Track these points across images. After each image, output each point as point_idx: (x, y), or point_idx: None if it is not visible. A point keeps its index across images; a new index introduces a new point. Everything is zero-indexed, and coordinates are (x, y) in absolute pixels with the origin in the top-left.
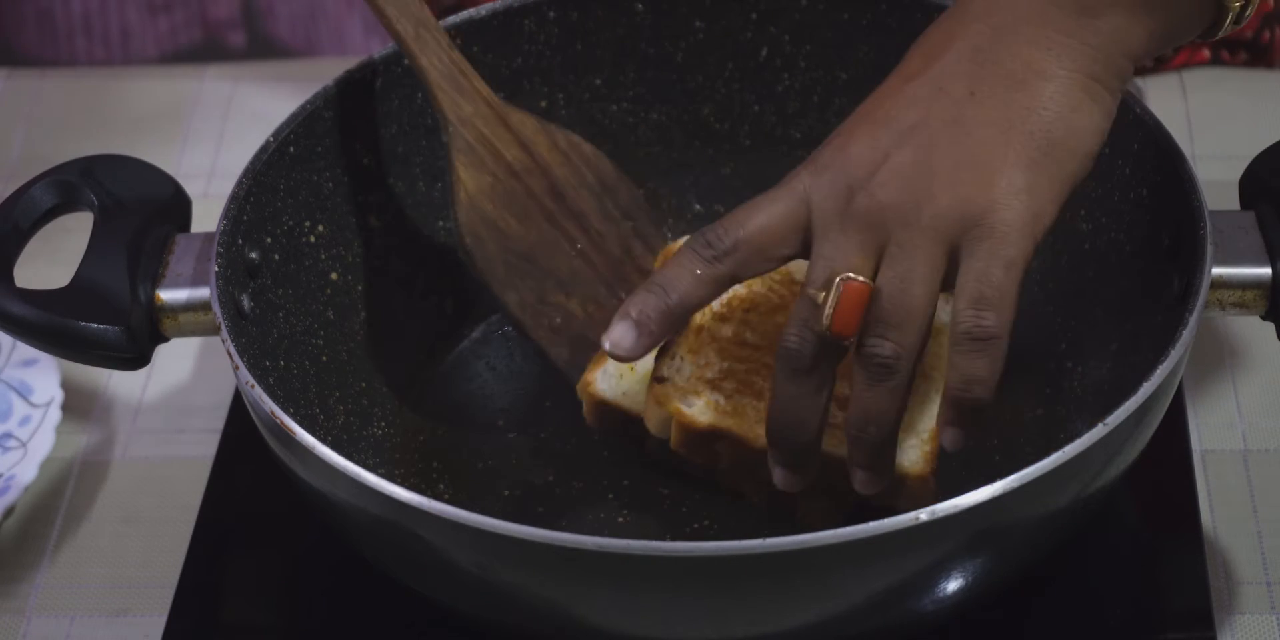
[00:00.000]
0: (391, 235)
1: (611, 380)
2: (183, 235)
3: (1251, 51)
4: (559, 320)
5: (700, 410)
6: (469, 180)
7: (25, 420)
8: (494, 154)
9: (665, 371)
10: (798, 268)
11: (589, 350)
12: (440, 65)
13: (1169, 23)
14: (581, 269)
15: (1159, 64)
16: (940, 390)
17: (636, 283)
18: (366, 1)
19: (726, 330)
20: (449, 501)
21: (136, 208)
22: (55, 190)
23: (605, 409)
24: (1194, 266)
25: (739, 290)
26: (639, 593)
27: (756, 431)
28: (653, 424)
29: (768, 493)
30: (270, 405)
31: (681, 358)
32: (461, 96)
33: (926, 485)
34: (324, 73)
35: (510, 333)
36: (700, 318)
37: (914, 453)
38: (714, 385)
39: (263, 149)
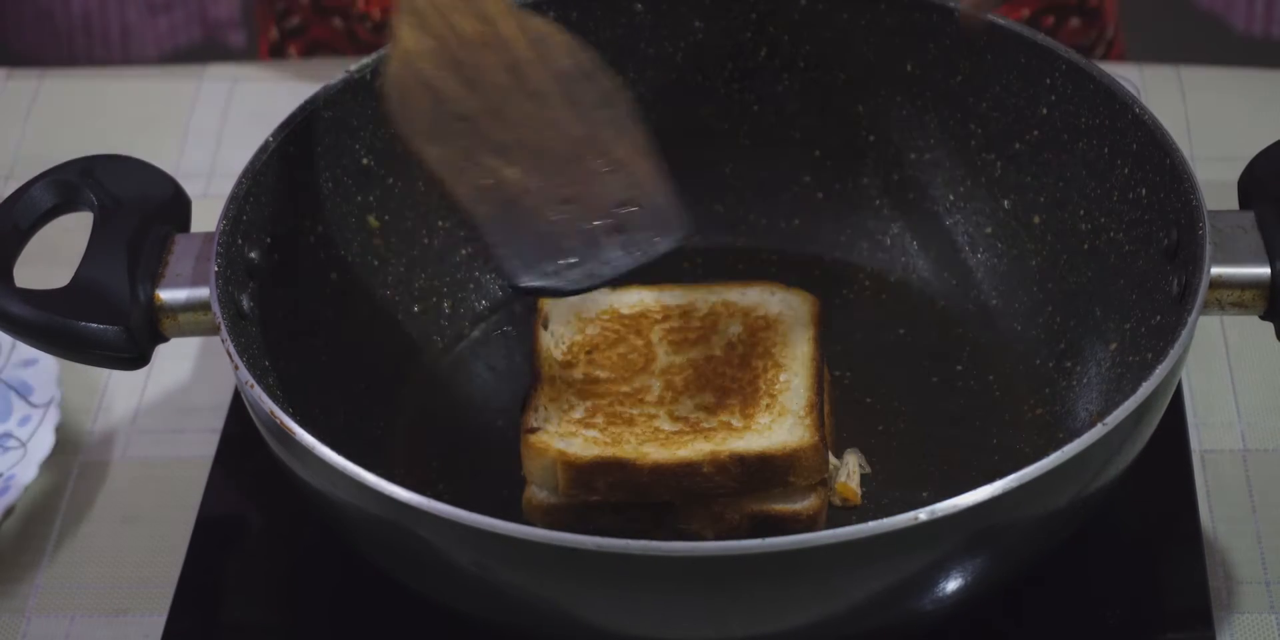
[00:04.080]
0: (391, 235)
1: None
2: (182, 235)
3: (1083, 16)
4: (491, 182)
5: (582, 446)
6: (408, 39)
7: (25, 420)
8: (445, 20)
9: (534, 422)
10: (620, 302)
11: (520, 218)
12: None
13: None
14: (530, 140)
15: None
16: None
17: (595, 168)
18: None
19: (576, 374)
20: (449, 501)
21: (136, 208)
22: (55, 190)
23: (552, 510)
24: (1193, 266)
25: (575, 337)
26: (639, 593)
27: (641, 452)
28: (535, 476)
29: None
30: (270, 405)
31: (545, 408)
32: None
33: (820, 452)
34: (324, 73)
35: (510, 332)
36: (548, 369)
37: (799, 428)
38: (585, 423)
39: (262, 149)
